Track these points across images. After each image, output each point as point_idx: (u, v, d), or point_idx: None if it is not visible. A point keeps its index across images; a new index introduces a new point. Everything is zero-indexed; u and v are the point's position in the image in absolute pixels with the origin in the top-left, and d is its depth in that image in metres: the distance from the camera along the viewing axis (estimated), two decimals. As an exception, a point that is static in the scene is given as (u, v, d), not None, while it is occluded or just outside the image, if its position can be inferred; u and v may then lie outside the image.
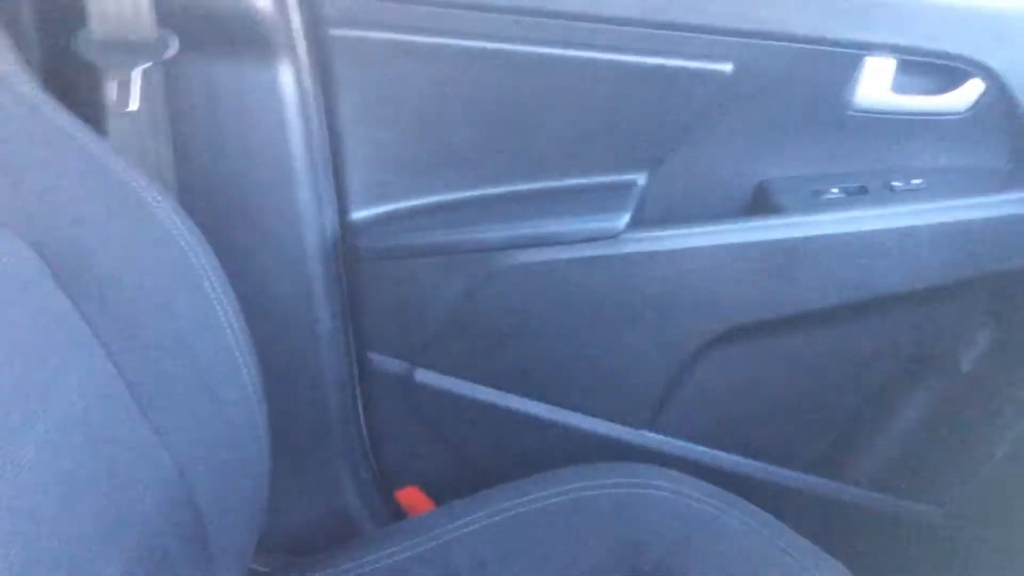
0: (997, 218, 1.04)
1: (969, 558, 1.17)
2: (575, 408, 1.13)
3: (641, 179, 1.07)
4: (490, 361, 1.10)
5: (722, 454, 1.19)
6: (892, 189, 1.06)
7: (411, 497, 1.20)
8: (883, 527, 1.21)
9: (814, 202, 1.06)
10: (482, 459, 1.17)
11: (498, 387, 1.12)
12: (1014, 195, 1.04)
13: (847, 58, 1.01)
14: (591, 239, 1.03)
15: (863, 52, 1.00)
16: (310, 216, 1.00)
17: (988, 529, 1.16)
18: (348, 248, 1.05)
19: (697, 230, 1.04)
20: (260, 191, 0.98)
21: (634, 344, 1.08)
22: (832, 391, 1.17)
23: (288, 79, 0.95)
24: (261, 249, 1.00)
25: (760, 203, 1.08)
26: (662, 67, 0.99)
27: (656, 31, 0.98)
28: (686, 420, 1.17)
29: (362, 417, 1.16)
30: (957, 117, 1.04)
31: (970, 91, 1.02)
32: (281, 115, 0.95)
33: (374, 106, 1.00)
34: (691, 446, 1.18)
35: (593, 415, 1.14)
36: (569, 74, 0.99)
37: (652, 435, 1.17)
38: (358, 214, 1.05)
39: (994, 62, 1.01)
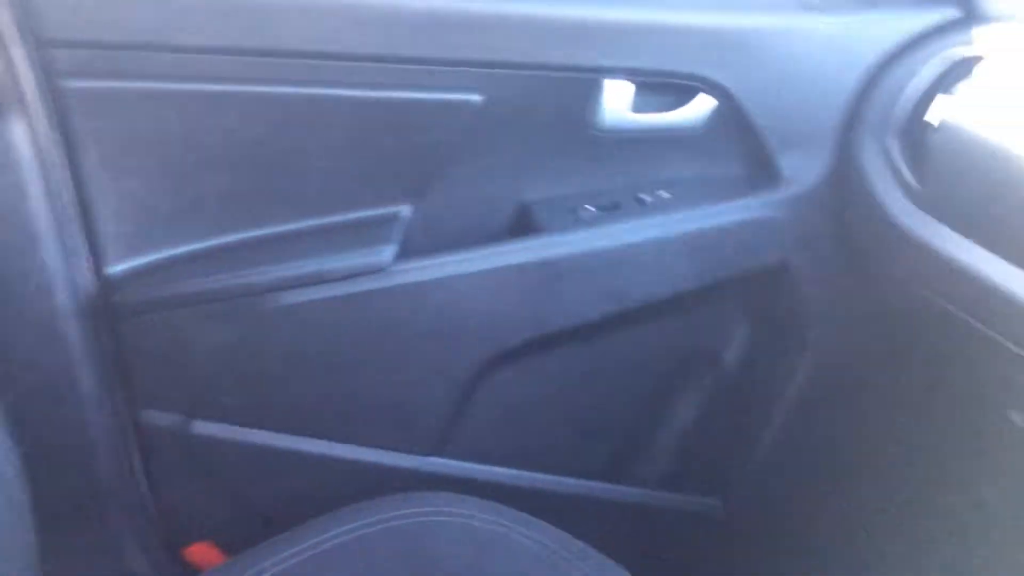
0: (739, 222, 1.11)
1: (750, 545, 1.24)
2: (361, 442, 1.13)
3: (405, 211, 1.08)
4: (269, 405, 1.09)
5: (513, 472, 1.22)
6: (642, 202, 1.11)
7: (201, 553, 1.16)
8: (670, 524, 1.27)
9: (572, 220, 1.10)
10: (271, 505, 1.15)
11: (280, 430, 1.10)
12: (752, 200, 1.12)
13: (588, 82, 1.06)
14: (358, 274, 1.04)
15: (601, 76, 1.06)
16: (60, 275, 0.96)
17: (764, 514, 1.23)
18: (108, 304, 1.02)
19: (463, 256, 1.06)
20: (1, 255, 0.93)
21: (412, 373, 1.09)
22: (610, 398, 1.22)
23: (22, 136, 0.91)
24: (6, 316, 0.95)
25: (523, 225, 1.12)
26: (412, 100, 1.01)
27: (405, 66, 1.00)
28: (475, 442, 1.19)
29: (141, 476, 1.12)
30: (694, 131, 1.11)
31: (702, 106, 1.09)
32: (17, 175, 0.91)
33: (120, 156, 0.97)
34: (482, 467, 1.20)
35: (379, 447, 1.14)
36: (320, 112, 0.99)
37: (442, 461, 1.18)
38: (115, 268, 1.02)
39: (720, 77, 1.08)
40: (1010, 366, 0.92)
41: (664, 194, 1.12)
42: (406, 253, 1.06)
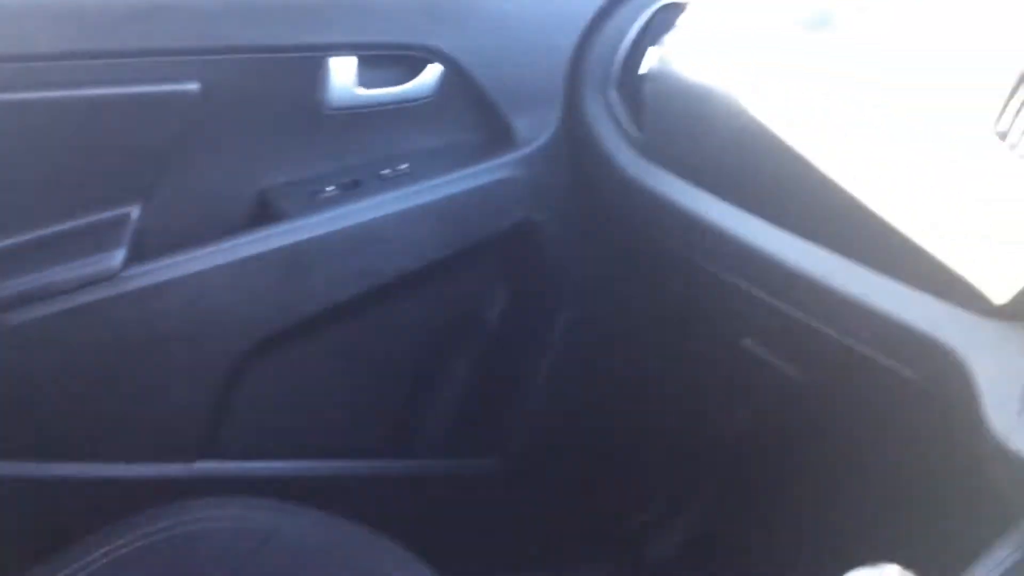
0: (479, 186, 1.13)
1: (527, 500, 1.27)
2: (119, 458, 1.08)
3: (134, 211, 1.03)
4: (9, 433, 1.02)
5: (290, 463, 1.20)
6: (382, 177, 1.11)
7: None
8: (453, 491, 1.28)
9: (312, 203, 1.08)
10: (28, 540, 1.08)
11: (24, 458, 1.04)
12: (489, 163, 1.14)
13: (311, 61, 1.04)
14: (88, 283, 0.98)
15: (324, 54, 1.04)
16: None
17: (537, 468, 1.27)
18: None
19: (200, 252, 1.03)
20: None
21: (161, 379, 1.05)
22: (379, 374, 1.22)
23: None
24: None
25: (264, 212, 1.09)
26: (124, 95, 0.96)
27: (111, 60, 0.95)
28: (246, 439, 1.16)
29: None
30: (426, 101, 1.11)
31: (431, 75, 1.10)
32: None
33: None
34: (257, 464, 1.18)
35: (141, 460, 1.09)
36: (26, 117, 0.93)
37: (212, 464, 1.14)
38: None
39: (444, 46, 1.09)
40: (737, 298, 0.98)
41: (404, 167, 1.12)
42: (139, 256, 1.01)
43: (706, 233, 0.97)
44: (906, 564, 0.64)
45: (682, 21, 1.05)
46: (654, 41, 1.08)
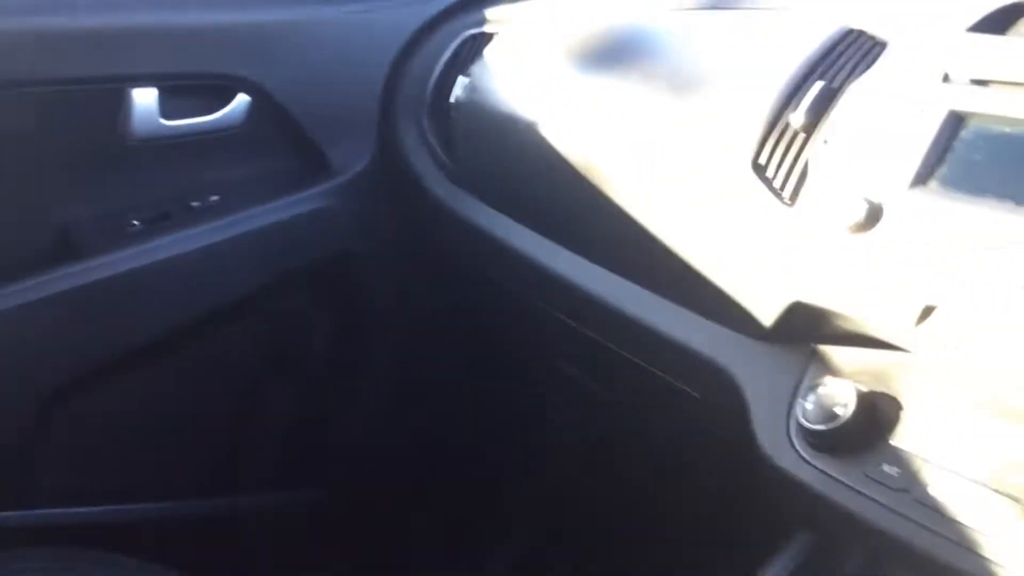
0: (294, 216, 1.12)
1: (358, 529, 1.26)
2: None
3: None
4: None
5: (107, 508, 1.15)
6: (192, 209, 1.09)
7: None
8: (279, 524, 1.26)
9: (119, 237, 1.05)
10: None
11: None
12: (304, 193, 1.13)
13: (111, 92, 1.01)
14: None
15: (125, 85, 1.01)
16: None
17: (367, 497, 1.26)
18: None
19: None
20: None
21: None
22: (201, 412, 1.18)
23: None
24: None
25: (66, 248, 1.05)
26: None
27: None
28: (58, 486, 1.11)
29: None
30: (236, 131, 1.09)
31: (239, 105, 1.08)
32: None
33: None
34: (68, 511, 1.13)
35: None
36: None
37: (20, 514, 1.09)
38: None
39: (252, 75, 1.08)
40: (547, 322, 1.00)
41: (214, 198, 1.10)
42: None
43: (513, 260, 0.98)
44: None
45: (488, 51, 1.07)
46: (463, 70, 1.10)
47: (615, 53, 0.91)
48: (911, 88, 0.63)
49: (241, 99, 1.08)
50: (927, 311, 0.58)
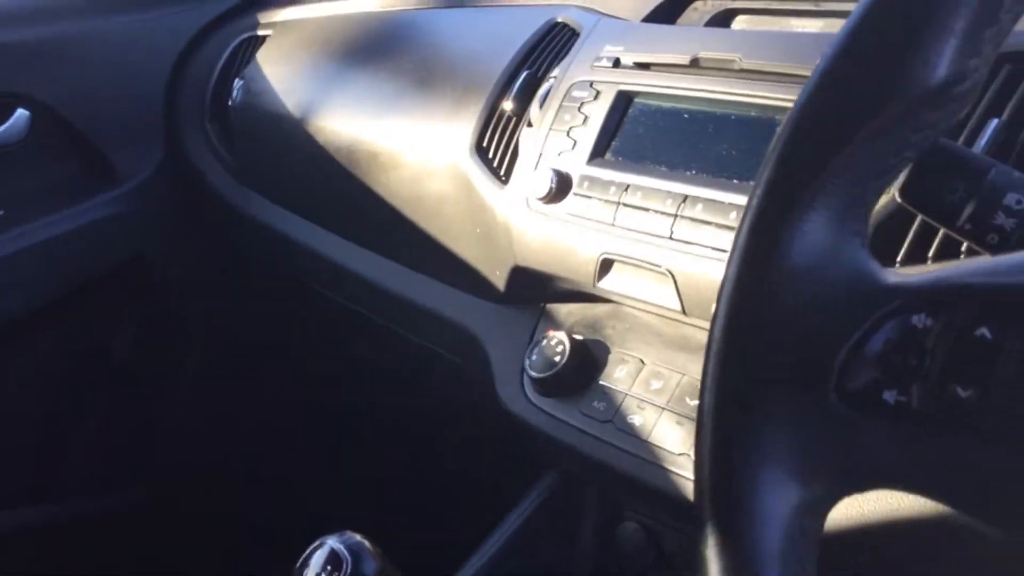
0: (85, 224, 1.14)
1: (185, 527, 1.30)
2: None
3: None
4: None
5: None
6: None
7: None
8: (108, 526, 1.28)
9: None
10: None
11: None
12: (93, 201, 1.15)
13: None
14: None
15: None
16: None
17: (191, 494, 1.30)
18: None
19: None
20: None
21: None
22: (13, 422, 1.20)
23: None
24: None
25: None
26: None
27: None
28: None
29: None
30: (18, 145, 1.11)
31: (20, 119, 1.10)
32: None
33: None
34: None
35: None
36: None
37: None
38: None
39: (29, 90, 1.10)
40: (330, 305, 1.06)
41: (0, 213, 1.12)
42: None
43: (293, 249, 1.05)
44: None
45: (260, 53, 1.12)
46: (239, 72, 1.15)
47: (368, 50, 0.98)
48: (590, 72, 0.73)
49: (21, 114, 1.10)
50: (606, 264, 0.68)
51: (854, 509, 0.53)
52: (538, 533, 0.78)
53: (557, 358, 0.72)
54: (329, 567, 0.54)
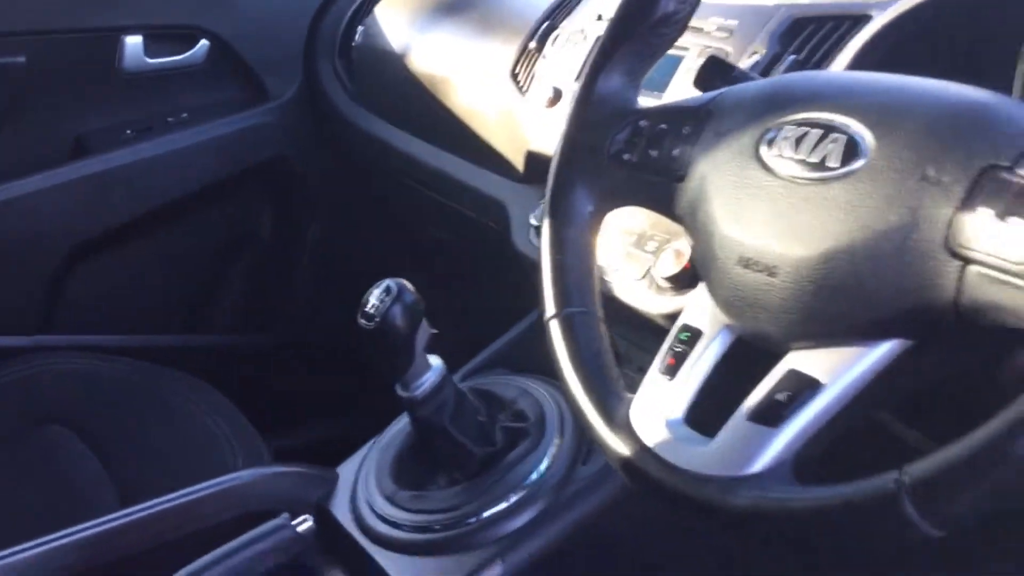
0: (242, 128, 1.56)
1: (297, 365, 1.71)
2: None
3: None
4: None
5: (113, 337, 1.58)
6: (168, 124, 1.53)
7: None
8: (238, 358, 1.70)
9: (117, 142, 1.49)
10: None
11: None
12: (248, 112, 1.57)
13: (110, 38, 1.45)
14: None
15: (119, 32, 1.44)
16: None
17: (307, 341, 1.71)
18: None
19: (33, 179, 1.42)
20: None
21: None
22: (181, 274, 1.63)
23: None
24: None
25: (82, 150, 1.48)
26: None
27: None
28: (77, 320, 1.53)
29: None
30: (200, 67, 1.53)
31: (202, 47, 1.52)
32: None
33: None
34: (86, 337, 1.55)
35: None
36: None
37: (48, 337, 1.52)
38: None
39: (210, 25, 1.51)
40: (417, 195, 1.44)
41: (184, 116, 1.54)
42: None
43: (393, 152, 1.43)
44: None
45: (377, 9, 1.51)
46: (361, 22, 1.54)
47: (451, 7, 1.36)
48: (584, 23, 1.08)
49: (203, 43, 1.51)
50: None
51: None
52: None
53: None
54: (383, 292, 0.90)
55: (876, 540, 0.47)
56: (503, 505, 0.91)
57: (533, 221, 1.09)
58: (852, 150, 0.54)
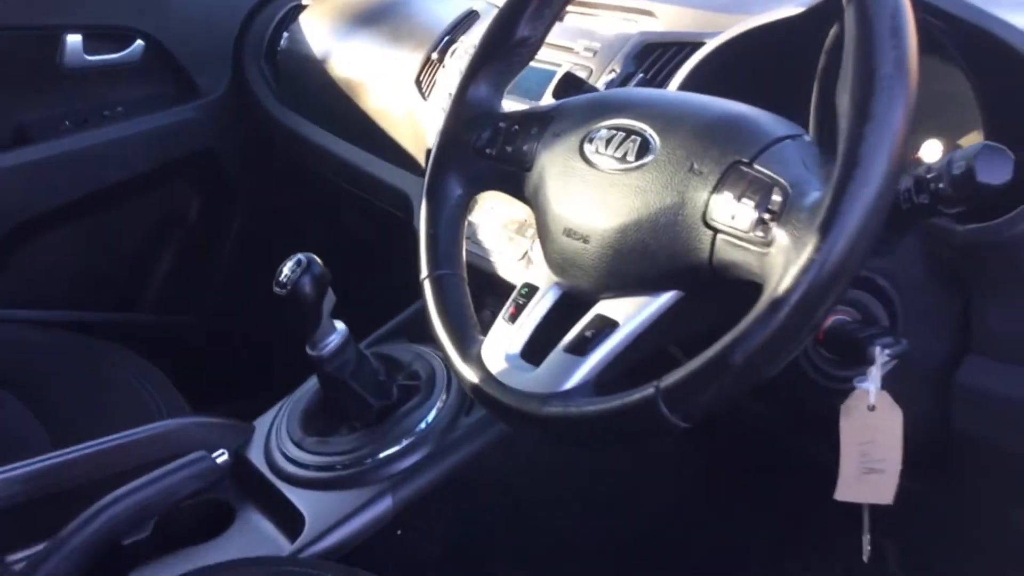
0: (174, 122, 1.70)
1: (220, 344, 1.84)
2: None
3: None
4: None
5: (50, 313, 1.69)
6: (104, 117, 1.65)
7: None
8: (164, 336, 1.82)
9: (56, 132, 1.61)
10: None
11: None
12: (180, 108, 1.70)
13: (51, 36, 1.57)
14: None
15: (60, 31, 1.57)
16: None
17: (228, 322, 1.84)
18: None
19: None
20: None
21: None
22: (112, 254, 1.75)
23: None
24: None
25: (23, 139, 1.60)
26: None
27: None
28: (27, 293, 1.65)
29: None
30: (134, 64, 1.66)
31: (138, 46, 1.65)
32: None
33: None
34: (23, 312, 1.66)
35: None
36: None
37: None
38: None
39: (146, 26, 1.64)
40: (335, 188, 1.60)
41: (119, 110, 1.67)
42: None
43: (313, 149, 1.59)
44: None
45: (302, 17, 1.66)
46: (287, 28, 1.69)
47: (367, 19, 1.52)
48: (477, 38, 1.25)
49: (138, 43, 1.65)
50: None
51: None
52: None
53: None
54: (295, 264, 1.05)
55: (643, 433, 0.64)
56: (395, 448, 1.07)
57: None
58: (645, 148, 0.71)
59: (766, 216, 0.63)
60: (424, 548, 1.08)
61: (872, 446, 0.69)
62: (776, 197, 0.63)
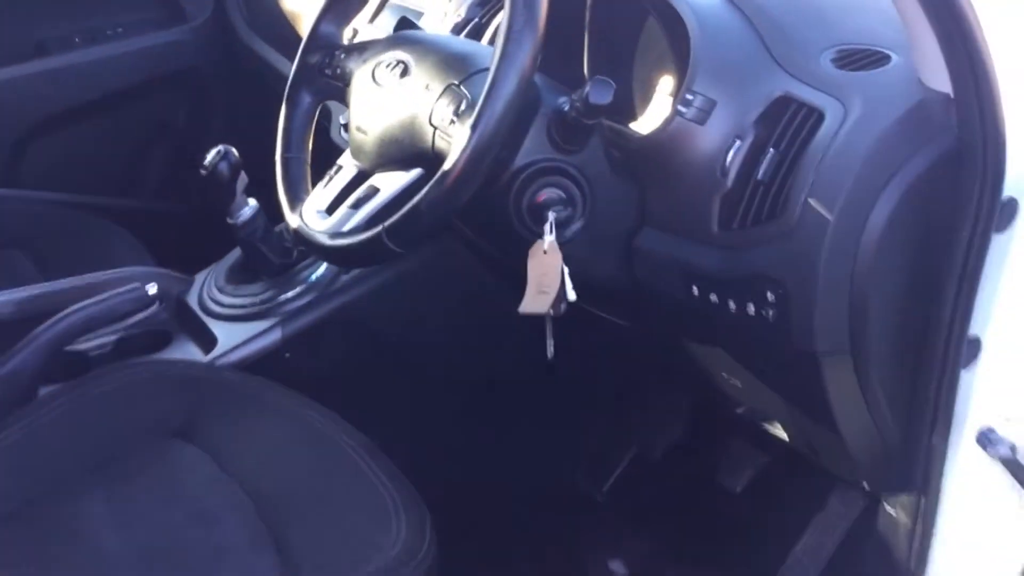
0: (163, 43, 2.06)
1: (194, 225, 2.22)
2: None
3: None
4: None
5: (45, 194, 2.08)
6: (108, 35, 2.02)
7: None
8: (166, 218, 2.21)
9: (68, 48, 1.98)
10: None
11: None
12: (170, 31, 2.06)
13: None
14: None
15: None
16: None
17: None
18: None
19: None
20: None
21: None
22: (111, 153, 2.13)
23: None
24: None
25: (41, 52, 1.97)
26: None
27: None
28: (44, 177, 2.04)
29: None
30: (134, -7, 2.02)
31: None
32: None
33: None
34: (52, 194, 2.05)
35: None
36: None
37: (14, 191, 2.03)
38: None
39: (143, -37, 2.00)
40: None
41: (120, 30, 2.03)
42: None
43: (273, 70, 1.94)
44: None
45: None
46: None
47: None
48: None
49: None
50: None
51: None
52: None
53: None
54: (216, 153, 1.41)
55: (378, 255, 1.00)
56: (289, 293, 1.44)
57: (341, 120, 1.60)
58: (406, 71, 1.06)
59: (454, 119, 0.97)
60: (307, 370, 1.45)
61: (544, 277, 1.03)
62: (462, 106, 0.97)
